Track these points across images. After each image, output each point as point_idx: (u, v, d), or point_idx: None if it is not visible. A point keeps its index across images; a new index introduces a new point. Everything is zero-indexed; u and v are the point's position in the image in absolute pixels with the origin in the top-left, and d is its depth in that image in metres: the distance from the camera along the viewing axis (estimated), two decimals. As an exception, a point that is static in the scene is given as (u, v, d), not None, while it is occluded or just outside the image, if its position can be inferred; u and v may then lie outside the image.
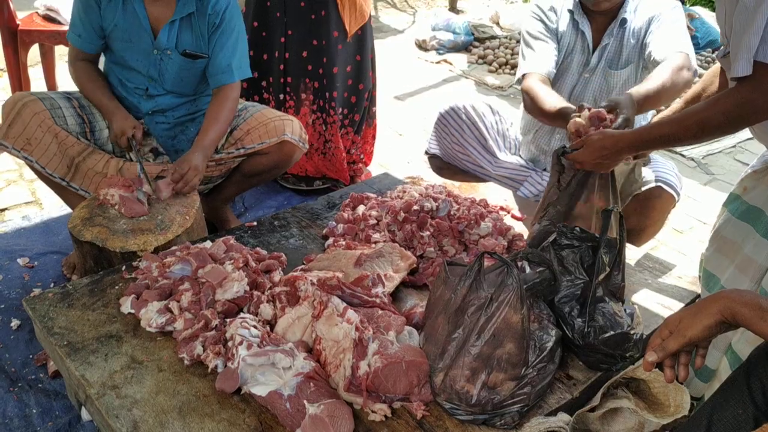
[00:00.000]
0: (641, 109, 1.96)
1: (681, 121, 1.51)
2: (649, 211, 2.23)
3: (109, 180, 2.08)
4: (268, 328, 1.57)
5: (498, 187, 2.49)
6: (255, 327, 1.51)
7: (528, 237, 1.97)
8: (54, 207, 2.86)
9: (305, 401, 1.36)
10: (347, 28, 2.80)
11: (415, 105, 4.61)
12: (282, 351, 1.44)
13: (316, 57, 2.83)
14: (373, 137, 3.24)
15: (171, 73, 2.29)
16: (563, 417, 1.42)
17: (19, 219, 2.77)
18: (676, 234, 3.22)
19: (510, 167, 2.56)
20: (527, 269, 1.58)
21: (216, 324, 1.56)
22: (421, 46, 5.86)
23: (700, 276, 1.94)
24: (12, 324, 2.13)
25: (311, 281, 1.61)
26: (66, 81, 3.93)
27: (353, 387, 1.41)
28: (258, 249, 1.89)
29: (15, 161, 3.11)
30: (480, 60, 5.59)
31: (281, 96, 2.94)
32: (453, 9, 7.01)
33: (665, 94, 1.98)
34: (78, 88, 2.34)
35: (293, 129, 2.37)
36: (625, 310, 1.64)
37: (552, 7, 2.39)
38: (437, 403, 1.44)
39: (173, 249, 1.83)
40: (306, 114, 2.95)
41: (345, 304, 1.54)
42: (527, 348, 1.42)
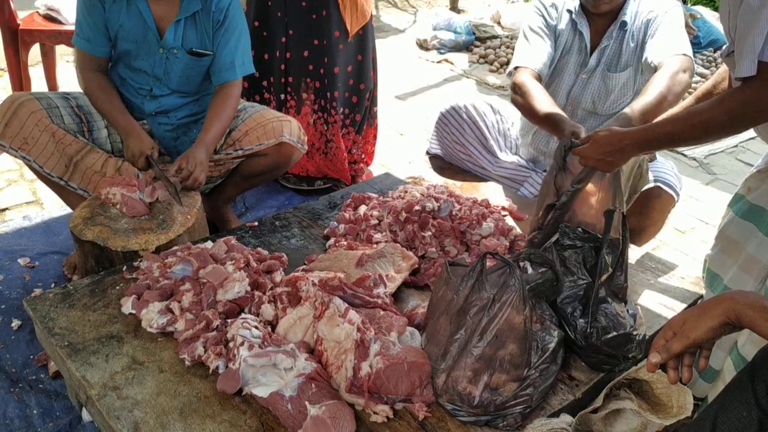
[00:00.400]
0: (644, 123, 1.95)
1: (686, 120, 1.50)
2: (649, 212, 2.22)
3: (111, 179, 2.08)
4: (269, 328, 1.56)
5: (499, 188, 2.48)
6: (256, 327, 1.51)
7: (528, 236, 1.97)
8: (55, 207, 2.85)
9: (307, 402, 1.35)
10: (348, 27, 2.80)
11: (417, 105, 4.60)
12: (283, 352, 1.44)
13: (317, 57, 2.83)
14: (375, 137, 3.23)
15: (177, 72, 2.29)
16: (566, 418, 1.42)
17: (20, 219, 2.77)
18: (678, 234, 3.22)
19: (510, 167, 2.55)
20: (529, 270, 1.58)
21: (217, 325, 1.56)
22: (423, 45, 5.85)
23: (703, 276, 1.93)
24: (13, 324, 2.13)
25: (313, 282, 1.61)
26: (66, 81, 3.94)
27: (355, 388, 1.40)
28: (259, 249, 1.89)
29: (16, 161, 3.11)
30: (481, 59, 5.59)
31: (282, 96, 2.94)
32: (454, 8, 7.01)
33: (666, 103, 1.99)
34: (89, 99, 2.26)
35: (291, 130, 2.37)
36: (628, 310, 1.63)
37: (553, 4, 2.39)
38: (439, 405, 1.43)
39: (174, 249, 1.83)
40: (307, 114, 2.95)
41: (346, 304, 1.53)
42: (530, 349, 1.42)
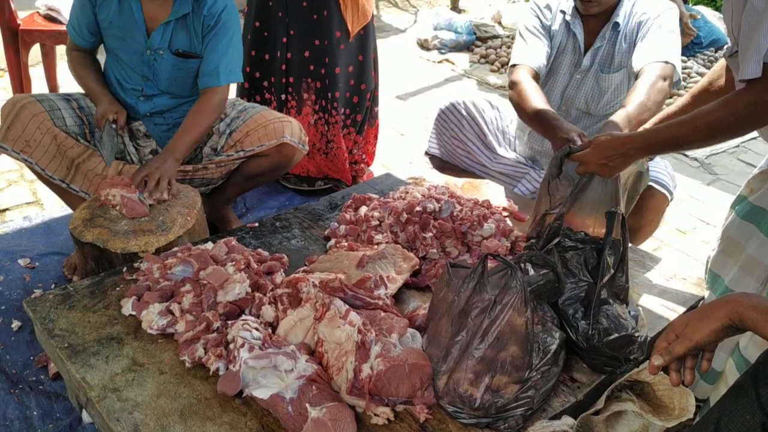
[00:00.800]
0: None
1: (690, 123, 1.49)
2: (643, 212, 2.22)
3: (111, 180, 2.07)
4: (269, 330, 1.56)
5: (500, 189, 2.47)
6: (257, 329, 1.50)
7: (525, 243, 1.97)
8: (55, 207, 2.85)
9: (307, 404, 1.35)
10: (349, 28, 2.79)
11: (417, 105, 4.59)
12: (284, 353, 1.43)
13: (318, 57, 2.82)
14: (375, 137, 3.23)
15: (165, 73, 2.28)
16: (567, 420, 1.41)
17: (20, 219, 2.76)
18: (679, 234, 3.21)
19: (508, 163, 2.55)
20: (531, 271, 1.57)
21: (217, 326, 1.55)
22: (423, 45, 5.85)
23: (705, 277, 1.93)
24: (13, 325, 2.13)
25: (313, 283, 1.60)
26: (67, 81, 3.92)
27: (356, 390, 1.39)
28: (260, 250, 1.88)
29: (16, 161, 3.11)
30: (482, 59, 5.58)
31: (283, 96, 2.93)
32: (455, 8, 7.00)
33: (647, 112, 2.00)
34: (72, 74, 2.36)
35: (292, 131, 2.36)
36: (630, 312, 1.62)
37: (548, 5, 2.39)
38: (440, 407, 1.42)
39: (174, 250, 1.82)
40: (308, 114, 2.94)
41: (347, 306, 1.52)
42: (531, 351, 1.41)
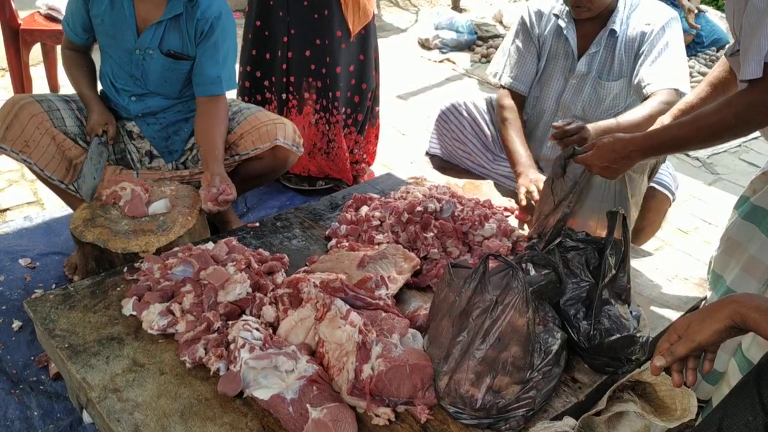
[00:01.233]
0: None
1: (692, 124, 1.49)
2: (645, 212, 2.21)
3: (116, 178, 2.08)
4: (270, 330, 1.56)
5: (502, 189, 2.47)
6: (257, 329, 1.50)
7: (527, 243, 1.97)
8: (56, 207, 2.85)
9: (308, 405, 1.34)
10: (350, 27, 2.79)
11: (418, 104, 4.59)
12: (285, 354, 1.43)
13: (319, 56, 2.82)
14: (376, 137, 3.22)
15: (154, 74, 2.26)
16: (569, 421, 1.41)
17: (21, 219, 2.76)
18: (681, 234, 3.20)
19: (508, 166, 2.54)
20: (532, 272, 1.57)
21: (218, 326, 1.55)
22: (424, 45, 5.84)
23: (708, 278, 1.92)
24: (13, 325, 2.12)
25: (314, 283, 1.60)
26: (68, 81, 3.92)
27: (356, 390, 1.39)
28: (260, 250, 1.88)
29: (17, 162, 3.11)
30: (483, 59, 5.57)
31: (284, 95, 2.92)
32: (456, 7, 7.00)
33: (648, 126, 2.00)
34: (66, 74, 2.37)
35: (286, 133, 2.33)
36: (631, 312, 1.62)
37: (539, 11, 2.38)
38: (441, 407, 1.42)
39: (175, 250, 1.82)
40: (309, 114, 2.93)
41: (348, 306, 1.52)
42: (532, 351, 1.41)
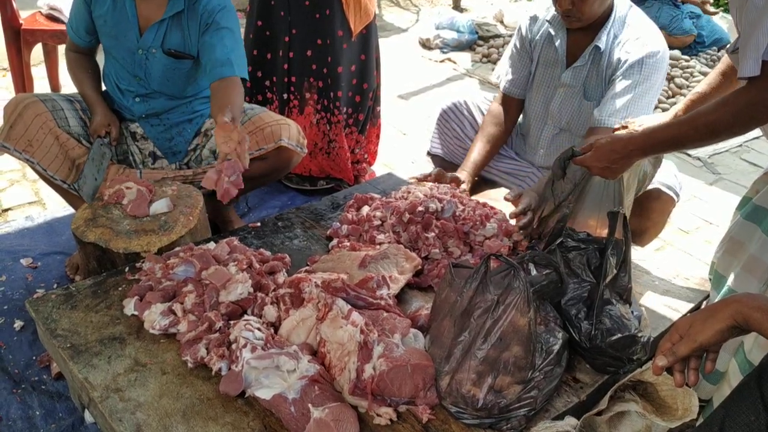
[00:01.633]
0: None
1: (690, 123, 1.49)
2: (649, 213, 2.21)
3: (121, 178, 2.08)
4: (272, 330, 1.56)
5: (503, 191, 2.47)
6: (259, 329, 1.50)
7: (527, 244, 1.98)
8: (57, 207, 2.85)
9: (310, 405, 1.34)
10: (352, 27, 2.79)
11: (419, 104, 4.59)
12: (286, 354, 1.43)
13: (320, 56, 2.82)
14: (377, 137, 3.22)
15: (157, 73, 2.27)
16: (570, 421, 1.41)
17: (23, 219, 2.76)
18: (682, 234, 3.20)
19: (510, 163, 2.54)
20: (534, 271, 1.57)
21: (220, 326, 1.55)
22: (425, 44, 5.84)
23: (710, 278, 1.92)
24: (15, 325, 2.13)
25: (315, 283, 1.60)
26: (69, 81, 3.92)
27: (358, 390, 1.39)
28: (262, 250, 1.88)
29: (18, 161, 3.11)
30: (484, 58, 5.57)
31: (285, 95, 2.93)
32: (457, 7, 7.00)
33: None
34: (70, 76, 2.38)
35: (290, 134, 2.33)
36: (633, 312, 1.62)
37: (534, 15, 2.37)
38: (443, 407, 1.42)
39: (177, 250, 1.82)
40: (310, 113, 2.94)
41: (350, 306, 1.52)
42: (534, 351, 1.41)
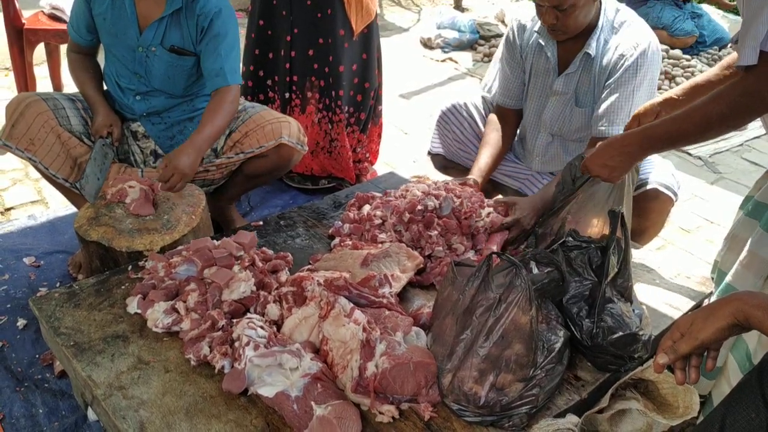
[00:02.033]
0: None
1: (686, 117, 1.48)
2: (648, 213, 2.21)
3: (124, 177, 2.08)
4: (274, 328, 1.56)
5: (504, 188, 2.48)
6: (262, 327, 1.51)
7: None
8: (60, 206, 2.86)
9: (312, 402, 1.35)
10: (353, 26, 2.79)
11: (421, 103, 4.59)
12: (289, 352, 1.43)
13: (322, 55, 2.82)
14: (379, 136, 3.23)
15: (158, 71, 2.27)
16: (572, 418, 1.41)
17: (25, 218, 2.77)
18: (683, 233, 3.21)
19: (511, 166, 2.54)
20: (535, 270, 1.58)
21: (223, 324, 1.56)
22: (427, 44, 5.85)
23: (713, 277, 1.92)
24: (18, 323, 2.13)
25: (318, 281, 1.60)
26: (71, 81, 3.94)
27: (360, 388, 1.40)
28: (264, 249, 1.89)
29: (21, 160, 3.12)
30: (485, 58, 5.57)
31: (287, 94, 2.93)
32: (458, 7, 7.00)
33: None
34: (71, 77, 2.38)
35: (291, 131, 2.34)
36: (634, 310, 1.62)
37: (522, 25, 2.36)
38: (445, 405, 1.43)
39: (179, 249, 1.83)
40: (312, 113, 2.94)
41: (352, 304, 1.53)
42: (536, 349, 1.41)
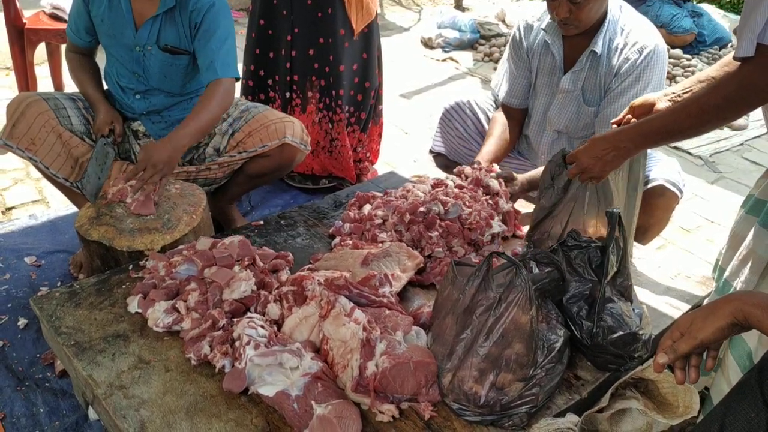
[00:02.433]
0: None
1: (681, 110, 1.47)
2: (653, 210, 2.21)
3: (126, 176, 2.08)
4: (275, 327, 1.57)
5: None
6: (262, 327, 1.51)
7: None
8: (61, 206, 2.86)
9: (313, 402, 1.35)
10: (354, 25, 2.80)
11: (421, 103, 4.60)
12: (289, 351, 1.44)
13: (322, 55, 2.83)
14: (380, 135, 3.23)
15: (155, 69, 2.27)
16: (572, 418, 1.41)
17: (26, 218, 2.77)
18: (683, 233, 3.21)
19: (515, 163, 2.55)
20: (535, 269, 1.58)
21: (223, 324, 1.56)
22: (427, 43, 5.85)
23: (714, 276, 1.92)
24: (19, 323, 2.13)
25: (318, 281, 1.61)
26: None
27: (361, 387, 1.40)
28: (265, 248, 1.89)
29: (22, 160, 3.12)
30: (486, 58, 5.58)
31: (287, 94, 2.93)
32: (459, 6, 7.01)
33: None
34: (71, 77, 2.38)
35: (294, 131, 2.35)
36: (634, 310, 1.63)
37: (528, 24, 2.37)
38: (445, 404, 1.43)
39: (180, 248, 1.83)
40: (312, 112, 2.94)
41: (352, 304, 1.53)
42: (536, 348, 1.42)
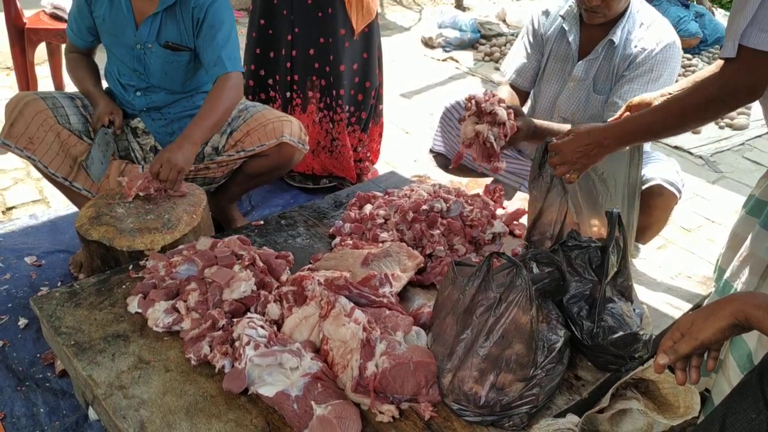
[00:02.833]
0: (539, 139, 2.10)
1: (664, 109, 1.49)
2: (652, 210, 2.21)
3: (137, 175, 2.08)
4: (275, 328, 1.56)
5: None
6: (262, 327, 1.51)
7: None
8: (61, 205, 2.86)
9: (312, 402, 1.35)
10: (354, 25, 2.79)
11: (422, 103, 4.59)
12: (289, 351, 1.44)
13: (323, 55, 2.83)
14: (380, 135, 3.23)
15: (156, 67, 2.27)
16: (572, 418, 1.41)
17: (27, 217, 2.77)
18: (684, 232, 3.20)
19: (514, 162, 2.54)
20: (536, 269, 1.58)
21: (223, 324, 1.56)
22: (428, 43, 5.85)
23: (714, 275, 1.92)
24: (19, 323, 2.13)
25: (318, 281, 1.61)
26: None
27: (361, 388, 1.40)
28: (265, 248, 1.89)
29: (22, 160, 3.12)
30: (486, 57, 5.58)
31: (288, 94, 2.93)
32: (459, 6, 7.01)
33: None
34: (69, 76, 2.39)
35: (292, 130, 2.35)
36: (634, 310, 1.62)
37: (546, 10, 2.39)
38: (445, 404, 1.43)
39: (180, 248, 1.83)
40: (313, 112, 2.94)
41: (352, 304, 1.53)
42: (536, 349, 1.41)
